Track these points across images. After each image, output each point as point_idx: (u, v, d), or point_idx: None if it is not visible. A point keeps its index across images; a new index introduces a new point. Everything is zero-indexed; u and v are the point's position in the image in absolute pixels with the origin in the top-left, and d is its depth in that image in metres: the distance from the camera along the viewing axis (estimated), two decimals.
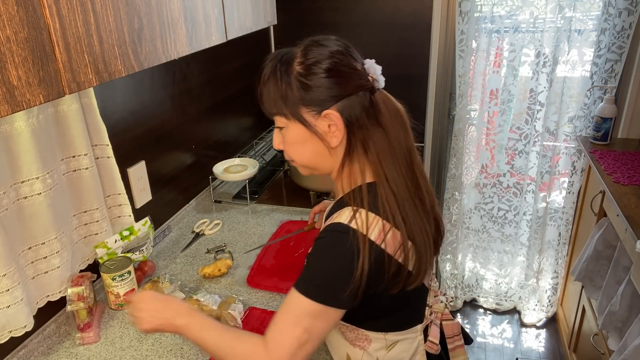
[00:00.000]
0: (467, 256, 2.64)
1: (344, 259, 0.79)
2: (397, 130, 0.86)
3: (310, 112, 0.85)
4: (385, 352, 0.93)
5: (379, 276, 0.81)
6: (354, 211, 0.81)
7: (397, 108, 0.88)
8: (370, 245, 0.79)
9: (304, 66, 0.84)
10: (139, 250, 1.35)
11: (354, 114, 0.84)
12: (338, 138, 0.85)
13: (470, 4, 2.06)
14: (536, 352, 2.42)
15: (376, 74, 0.86)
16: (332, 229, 0.82)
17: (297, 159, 0.92)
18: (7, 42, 0.63)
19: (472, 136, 2.33)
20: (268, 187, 1.95)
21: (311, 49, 0.85)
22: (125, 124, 1.41)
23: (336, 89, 0.83)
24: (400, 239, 0.82)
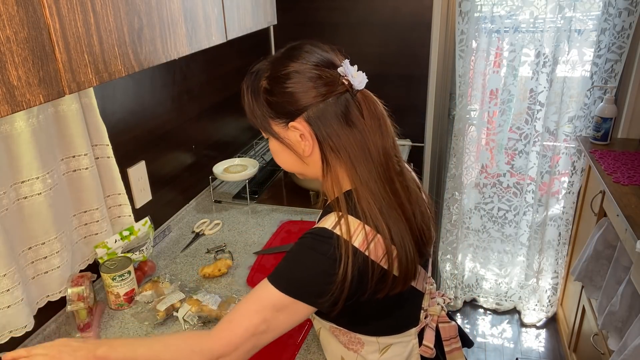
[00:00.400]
0: (467, 256, 2.64)
1: (323, 260, 0.79)
2: (374, 134, 0.84)
3: (279, 125, 0.86)
4: (378, 355, 0.92)
5: (362, 283, 0.80)
6: (339, 217, 0.81)
7: (378, 111, 0.86)
8: (354, 253, 0.78)
9: (269, 81, 0.85)
10: (139, 250, 1.35)
11: (324, 122, 0.82)
12: (309, 148, 0.85)
13: (470, 4, 2.06)
14: (536, 352, 2.42)
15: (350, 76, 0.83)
16: (316, 232, 0.82)
17: (282, 166, 0.94)
18: (7, 42, 0.63)
19: (472, 136, 2.33)
20: (268, 187, 1.95)
21: (279, 61, 0.85)
22: (125, 124, 1.41)
23: (302, 100, 0.82)
24: (384, 245, 0.81)
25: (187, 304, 1.20)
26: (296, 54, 0.84)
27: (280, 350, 1.09)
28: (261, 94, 0.85)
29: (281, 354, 1.08)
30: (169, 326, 1.19)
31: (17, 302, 1.02)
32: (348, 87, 0.83)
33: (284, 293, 0.79)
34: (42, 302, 1.15)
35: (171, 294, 1.24)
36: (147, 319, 1.21)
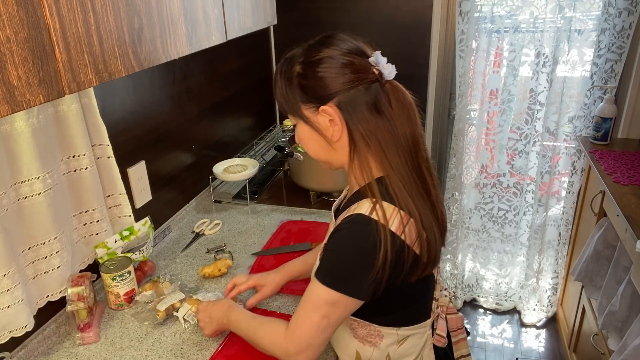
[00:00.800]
0: (467, 256, 2.64)
1: (365, 250, 0.81)
2: (403, 123, 0.87)
3: (309, 109, 0.88)
4: (396, 347, 0.94)
5: (398, 267, 0.84)
6: (373, 203, 0.83)
7: (407, 101, 0.88)
8: (392, 237, 0.81)
9: (303, 65, 0.87)
10: (139, 250, 1.35)
11: (354, 108, 0.85)
12: (338, 132, 0.87)
13: (470, 4, 2.06)
14: (536, 352, 2.42)
15: (381, 66, 0.86)
16: (353, 220, 0.83)
17: (310, 154, 0.96)
18: (7, 42, 0.63)
19: (472, 136, 2.33)
20: (268, 187, 1.95)
21: (312, 47, 0.87)
22: (125, 124, 1.41)
23: (333, 85, 0.84)
24: (416, 230, 0.84)
25: (187, 304, 1.20)
26: (330, 41, 0.87)
27: None
28: (294, 78, 0.87)
29: None
30: (169, 326, 1.19)
31: (17, 302, 1.02)
32: (378, 77, 0.85)
33: (332, 289, 0.84)
34: (42, 302, 1.15)
35: (171, 294, 1.24)
36: (147, 319, 1.21)
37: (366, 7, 2.17)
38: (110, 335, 1.17)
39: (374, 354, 0.95)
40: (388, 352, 0.95)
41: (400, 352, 0.95)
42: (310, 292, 0.87)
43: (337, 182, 1.76)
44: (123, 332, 1.18)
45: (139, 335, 1.17)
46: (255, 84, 2.24)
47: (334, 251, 0.86)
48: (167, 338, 1.15)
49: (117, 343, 1.14)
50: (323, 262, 0.87)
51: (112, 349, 1.13)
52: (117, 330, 1.19)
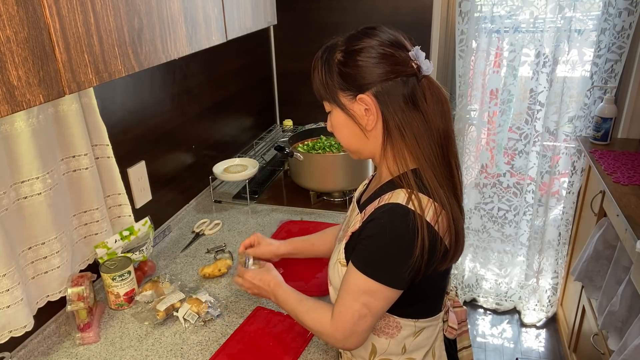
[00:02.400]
0: (467, 256, 2.64)
1: (404, 239, 0.83)
2: (437, 117, 0.88)
3: (347, 97, 0.89)
4: (412, 339, 0.96)
5: (431, 257, 0.85)
6: (409, 193, 0.85)
7: (442, 96, 0.90)
8: (428, 227, 0.83)
9: (344, 53, 0.88)
10: (139, 250, 1.35)
11: (391, 99, 0.86)
12: (372, 122, 0.89)
13: (470, 4, 2.06)
14: (536, 352, 2.42)
15: (420, 61, 0.87)
16: (390, 210, 0.85)
17: (342, 142, 0.97)
18: (7, 42, 0.63)
19: (472, 136, 2.33)
20: (268, 187, 1.95)
21: (354, 37, 0.89)
22: (125, 124, 1.41)
23: (372, 75, 0.86)
24: (447, 221, 0.86)
25: (187, 304, 1.20)
26: (372, 32, 0.88)
27: (282, 353, 1.09)
28: (334, 65, 0.89)
29: (283, 356, 1.08)
30: (169, 326, 1.19)
31: (17, 302, 1.02)
32: (416, 71, 0.87)
33: (370, 278, 0.85)
34: (42, 302, 1.15)
35: (171, 294, 1.24)
36: (147, 318, 1.21)
37: (366, 7, 2.17)
38: (110, 335, 1.17)
39: (391, 345, 0.96)
40: (404, 344, 0.96)
41: (416, 344, 0.97)
42: (349, 281, 0.89)
43: (337, 182, 1.76)
44: (123, 332, 1.18)
45: (139, 335, 1.17)
46: (255, 84, 2.24)
47: (372, 240, 0.86)
48: (167, 338, 1.15)
49: (117, 343, 1.14)
50: (361, 250, 0.88)
51: (112, 349, 1.13)
52: (117, 330, 1.19)
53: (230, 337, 1.14)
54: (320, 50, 0.93)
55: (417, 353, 0.97)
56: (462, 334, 1.09)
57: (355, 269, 0.87)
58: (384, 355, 0.97)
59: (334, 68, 0.89)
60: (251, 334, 1.14)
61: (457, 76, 2.20)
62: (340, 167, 1.74)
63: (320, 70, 0.91)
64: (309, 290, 1.26)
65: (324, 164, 1.75)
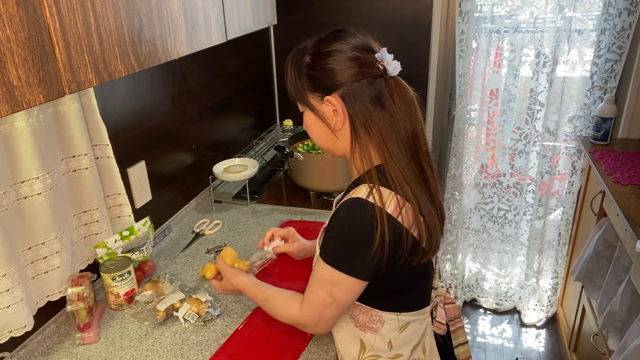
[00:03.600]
0: (467, 256, 2.64)
1: (362, 231, 0.85)
2: (404, 117, 0.91)
3: (315, 98, 0.93)
4: (397, 333, 0.98)
5: (397, 249, 0.87)
6: (370, 187, 0.87)
7: (409, 97, 0.92)
8: (388, 218, 0.85)
9: (312, 56, 0.92)
10: (139, 250, 1.35)
11: (357, 100, 0.89)
12: (340, 122, 0.92)
13: (470, 4, 2.06)
14: (536, 352, 2.42)
15: (386, 62, 0.90)
16: (350, 203, 0.88)
17: (315, 140, 1.01)
18: (7, 42, 0.63)
19: (472, 136, 2.33)
20: (268, 187, 1.95)
21: (322, 40, 0.92)
22: (125, 124, 1.41)
23: (339, 77, 0.89)
24: (413, 214, 0.88)
25: (187, 304, 1.20)
26: (340, 35, 0.91)
27: (282, 353, 1.09)
28: (303, 68, 0.93)
29: (283, 356, 1.08)
30: (169, 326, 1.19)
31: (17, 302, 1.02)
32: (382, 72, 0.90)
33: (332, 267, 0.90)
34: (42, 302, 1.15)
35: (171, 294, 1.24)
36: (147, 318, 1.21)
37: (366, 7, 2.17)
38: (110, 335, 1.17)
39: (376, 341, 0.98)
40: (390, 338, 0.98)
41: (402, 339, 0.98)
42: (316, 271, 0.94)
43: (337, 182, 1.76)
44: (123, 332, 1.18)
45: (139, 335, 1.17)
46: (255, 84, 2.24)
47: (333, 232, 0.90)
48: (167, 338, 1.15)
49: (117, 343, 1.14)
50: (325, 242, 0.93)
51: (112, 349, 1.13)
52: (117, 330, 1.19)
53: (230, 337, 1.14)
54: (291, 53, 0.96)
55: (404, 348, 0.99)
56: (457, 330, 1.10)
57: (321, 259, 0.92)
58: (372, 351, 0.99)
59: (303, 70, 0.92)
60: (251, 334, 1.14)
61: (457, 76, 2.20)
62: (340, 167, 1.74)
63: (290, 72, 0.95)
64: None
65: (324, 164, 1.75)
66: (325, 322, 0.96)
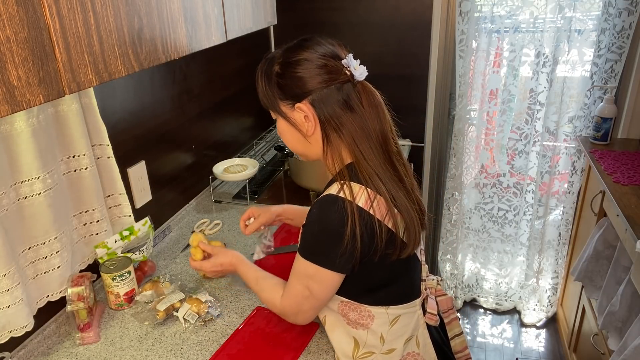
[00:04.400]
0: (467, 256, 2.64)
1: (332, 225, 0.88)
2: (373, 119, 0.94)
3: (286, 106, 0.96)
4: (388, 327, 0.99)
5: (371, 241, 0.90)
6: (341, 184, 0.91)
7: (376, 100, 0.96)
8: (359, 211, 0.88)
9: (281, 65, 0.95)
10: (139, 250, 1.35)
11: (327, 105, 0.93)
12: (312, 128, 0.95)
13: (470, 4, 2.06)
14: (536, 352, 2.42)
15: (352, 68, 0.92)
16: (322, 200, 0.92)
17: (288, 146, 1.04)
18: (7, 42, 0.63)
19: (472, 136, 2.33)
20: (268, 187, 1.95)
21: (290, 49, 0.95)
22: (125, 124, 1.41)
23: (308, 84, 0.92)
24: (386, 206, 0.90)
25: (187, 304, 1.20)
26: (307, 44, 0.94)
27: (282, 353, 1.09)
28: (273, 77, 0.96)
29: (283, 356, 1.08)
30: (168, 326, 1.19)
31: (17, 302, 1.02)
32: (350, 78, 0.93)
33: (308, 261, 0.93)
34: (42, 302, 1.15)
35: (171, 294, 1.24)
36: (147, 318, 1.21)
37: (366, 8, 2.17)
38: (110, 335, 1.17)
39: (369, 337, 0.99)
40: (381, 333, 0.99)
41: (393, 332, 0.99)
42: (295, 265, 0.98)
43: None
44: (123, 332, 1.18)
45: (139, 335, 1.17)
46: (255, 84, 2.24)
47: (306, 227, 0.94)
48: (167, 338, 1.15)
49: (117, 343, 1.15)
50: (301, 238, 0.96)
51: (112, 349, 1.13)
52: (117, 330, 1.19)
53: (230, 337, 1.14)
54: (261, 63, 0.99)
55: (396, 342, 1.00)
56: (452, 322, 1.12)
57: (298, 254, 0.96)
58: (365, 348, 1.00)
59: (273, 80, 0.96)
60: (251, 334, 1.14)
61: (457, 76, 2.20)
62: None
63: (261, 81, 0.98)
64: None
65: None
66: (303, 314, 1.00)
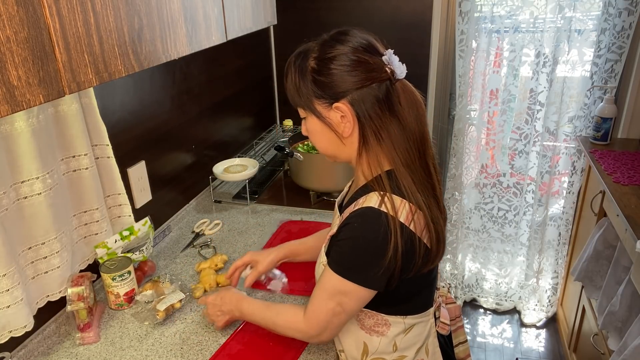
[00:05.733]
0: (467, 256, 2.64)
1: (376, 241, 0.83)
2: (412, 120, 0.89)
3: (322, 105, 0.89)
4: (403, 336, 0.96)
5: (410, 257, 0.86)
6: (382, 195, 0.85)
7: (415, 99, 0.90)
8: (401, 228, 0.83)
9: (317, 62, 0.88)
10: (139, 250, 1.35)
11: (366, 105, 0.86)
12: (349, 129, 0.89)
13: (470, 4, 2.06)
14: (536, 352, 2.42)
15: (393, 65, 0.87)
16: (363, 213, 0.85)
17: (317, 147, 0.97)
18: (7, 42, 0.63)
19: (472, 136, 2.33)
20: (268, 187, 1.95)
21: (327, 44, 0.88)
22: (125, 124, 1.41)
23: (347, 83, 0.86)
24: (424, 221, 0.86)
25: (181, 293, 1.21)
26: (345, 38, 0.88)
27: (282, 353, 1.09)
28: (308, 74, 0.88)
29: (283, 356, 1.08)
30: (169, 326, 1.19)
31: (17, 302, 1.02)
32: (390, 75, 0.87)
33: (344, 279, 0.87)
34: (42, 302, 1.15)
35: (171, 294, 1.24)
36: (147, 318, 1.21)
37: (366, 7, 2.17)
38: (110, 335, 1.17)
39: (381, 344, 0.97)
40: (395, 341, 0.97)
41: (407, 341, 0.97)
42: (324, 281, 0.91)
43: (337, 182, 1.76)
44: (123, 332, 1.18)
45: (139, 335, 1.17)
46: (255, 84, 2.24)
47: (346, 243, 0.88)
48: (167, 338, 1.15)
49: (117, 343, 1.14)
50: (336, 252, 0.90)
51: (112, 349, 1.13)
52: (117, 330, 1.19)
53: (230, 337, 1.14)
54: (293, 56, 0.92)
55: (408, 350, 0.98)
56: (458, 329, 1.10)
57: (330, 269, 0.89)
58: (375, 354, 0.98)
59: (308, 76, 0.88)
60: (251, 334, 1.14)
61: (457, 76, 2.20)
62: (340, 167, 1.74)
63: (293, 77, 0.91)
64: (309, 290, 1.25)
65: (324, 164, 1.74)
66: (330, 331, 0.94)
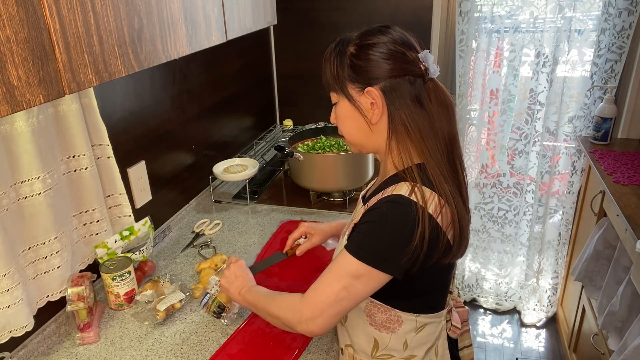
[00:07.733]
0: (467, 256, 2.64)
1: (402, 228, 0.84)
2: (442, 119, 0.90)
3: (355, 88, 0.91)
4: (414, 334, 0.97)
5: (432, 250, 0.86)
6: (412, 185, 0.86)
7: (446, 100, 0.92)
8: (429, 218, 0.84)
9: (357, 47, 0.91)
10: (139, 250, 1.35)
11: (397, 95, 0.88)
12: (377, 115, 0.91)
13: (470, 4, 2.06)
14: (536, 352, 2.42)
15: (428, 63, 0.90)
16: (392, 200, 0.86)
17: (345, 134, 0.99)
18: (7, 42, 0.63)
19: (472, 136, 2.33)
20: (268, 187, 1.95)
21: (369, 32, 0.92)
22: (125, 124, 1.41)
23: (382, 69, 0.88)
24: (450, 216, 0.87)
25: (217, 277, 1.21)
26: (385, 30, 0.91)
27: (282, 353, 1.09)
28: (346, 58, 0.91)
29: (283, 356, 1.08)
30: (169, 326, 1.19)
31: (17, 302, 1.02)
32: (423, 72, 0.90)
33: (361, 261, 0.86)
34: (42, 302, 1.15)
35: (171, 294, 1.24)
36: (147, 318, 1.21)
37: (366, 7, 2.17)
38: (110, 335, 1.17)
39: (392, 340, 0.97)
40: (406, 339, 0.97)
41: (418, 340, 0.97)
42: (337, 263, 0.90)
43: (337, 182, 1.76)
44: (123, 332, 1.18)
45: (139, 335, 1.17)
46: (255, 84, 2.24)
47: (371, 226, 0.87)
48: (167, 338, 1.15)
49: (117, 343, 1.15)
50: (357, 235, 0.89)
51: (112, 349, 1.13)
52: (117, 330, 1.19)
53: (230, 337, 1.14)
54: (334, 43, 0.95)
55: (418, 350, 0.98)
56: (464, 333, 1.11)
57: (347, 252, 0.88)
58: (385, 350, 0.98)
59: (346, 60, 0.91)
60: (251, 334, 1.14)
61: (457, 76, 2.20)
62: (340, 167, 1.74)
63: (332, 61, 0.93)
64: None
65: (324, 164, 1.75)
66: (324, 320, 0.89)
